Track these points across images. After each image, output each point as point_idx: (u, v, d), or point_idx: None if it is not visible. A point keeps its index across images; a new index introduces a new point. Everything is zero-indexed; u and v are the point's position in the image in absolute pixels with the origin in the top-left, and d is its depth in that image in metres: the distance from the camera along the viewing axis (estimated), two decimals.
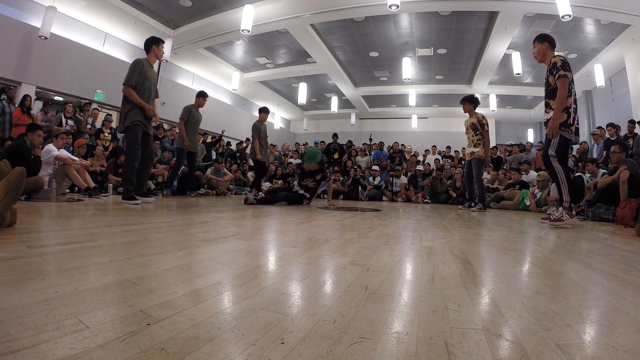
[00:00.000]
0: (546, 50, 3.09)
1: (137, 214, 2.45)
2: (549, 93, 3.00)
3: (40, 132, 4.14)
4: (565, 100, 2.85)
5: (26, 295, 0.67)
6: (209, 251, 1.23)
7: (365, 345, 0.53)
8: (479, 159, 4.93)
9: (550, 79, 2.97)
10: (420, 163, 9.56)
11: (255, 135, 6.16)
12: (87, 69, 7.58)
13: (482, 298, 0.81)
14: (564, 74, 2.84)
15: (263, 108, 6.36)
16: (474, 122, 5.00)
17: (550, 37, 3.13)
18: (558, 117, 2.86)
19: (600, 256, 1.48)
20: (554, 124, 2.86)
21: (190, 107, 5.58)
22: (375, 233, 1.96)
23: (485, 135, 4.91)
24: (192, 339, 0.52)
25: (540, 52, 3.12)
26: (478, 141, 4.95)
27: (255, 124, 6.23)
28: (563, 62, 2.89)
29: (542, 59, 3.13)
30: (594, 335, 0.62)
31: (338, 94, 12.48)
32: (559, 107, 2.86)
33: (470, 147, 5.10)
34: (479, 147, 4.93)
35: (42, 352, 0.46)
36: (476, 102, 5.10)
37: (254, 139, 6.18)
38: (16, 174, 1.55)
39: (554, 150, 2.94)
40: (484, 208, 5.00)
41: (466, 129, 5.19)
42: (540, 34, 3.19)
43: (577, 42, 8.08)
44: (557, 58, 2.95)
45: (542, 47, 3.11)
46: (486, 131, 4.92)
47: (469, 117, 5.14)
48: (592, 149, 7.47)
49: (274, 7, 7.17)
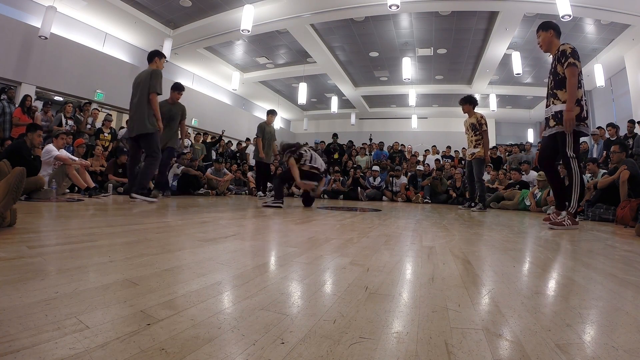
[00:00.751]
0: (552, 39, 2.87)
1: (137, 214, 2.45)
2: (558, 83, 2.77)
3: (40, 132, 4.14)
4: (576, 90, 2.63)
5: (26, 295, 0.67)
6: (209, 251, 1.23)
7: (365, 345, 0.53)
8: (479, 158, 4.96)
9: (558, 68, 2.75)
10: (420, 163, 9.56)
11: (259, 134, 6.19)
12: (87, 69, 7.58)
13: (482, 298, 0.81)
14: (573, 62, 2.63)
15: (270, 110, 6.43)
16: (473, 122, 5.03)
17: (555, 25, 2.92)
18: (572, 108, 2.62)
19: (600, 256, 1.47)
20: (569, 115, 2.60)
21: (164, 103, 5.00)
22: (375, 233, 1.96)
23: (484, 135, 4.94)
24: (192, 339, 0.52)
25: (546, 40, 2.90)
26: (477, 141, 4.98)
27: (260, 124, 6.30)
28: (573, 50, 2.68)
29: (547, 48, 2.91)
30: (594, 335, 0.62)
31: (338, 94, 12.48)
32: (572, 98, 2.62)
33: (470, 147, 5.13)
34: (478, 147, 4.96)
35: (42, 352, 0.46)
36: (475, 102, 5.13)
37: (258, 138, 6.22)
38: (16, 174, 1.55)
39: (572, 150, 2.70)
40: (484, 208, 5.03)
41: (466, 129, 5.22)
42: (544, 22, 2.94)
43: (577, 42, 8.07)
44: (566, 45, 2.73)
45: (547, 35, 2.88)
46: (485, 131, 4.95)
47: (468, 117, 5.17)
48: (592, 149, 7.47)
49: (274, 7, 7.18)
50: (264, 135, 6.22)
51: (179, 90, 5.23)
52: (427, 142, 11.94)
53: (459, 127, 15.30)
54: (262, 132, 6.20)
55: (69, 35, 7.37)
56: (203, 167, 7.53)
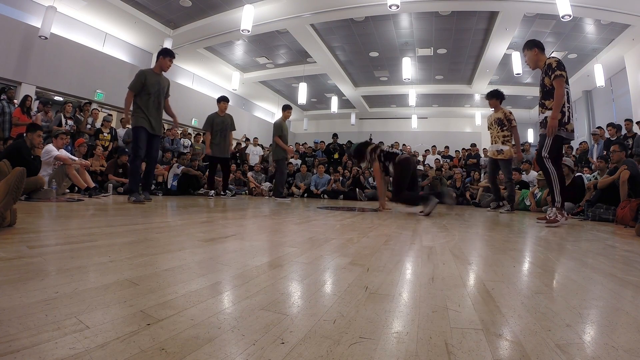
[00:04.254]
0: (537, 56, 3.12)
1: (137, 214, 2.44)
2: (546, 94, 3.03)
3: (40, 132, 4.14)
4: (562, 100, 2.90)
5: (26, 295, 0.67)
6: (209, 251, 1.23)
7: (365, 345, 0.53)
8: (505, 160, 4.69)
9: (546, 81, 3.00)
10: (420, 163, 9.56)
11: (278, 132, 6.01)
12: (87, 69, 7.58)
13: (482, 298, 0.81)
14: (559, 73, 2.87)
15: (286, 105, 6.18)
16: (499, 117, 4.76)
17: (538, 42, 3.16)
18: (557, 116, 2.90)
19: (600, 256, 1.47)
20: (553, 122, 2.90)
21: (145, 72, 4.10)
22: (375, 233, 1.96)
23: (514, 131, 4.67)
24: (192, 339, 0.52)
25: (532, 59, 3.16)
26: (505, 137, 4.70)
27: (277, 122, 6.09)
28: (558, 63, 2.93)
29: (535, 65, 3.16)
30: (594, 335, 0.62)
31: (338, 94, 12.48)
32: (558, 106, 2.89)
33: (496, 143, 4.79)
34: (507, 144, 4.67)
35: (42, 352, 0.46)
36: (502, 96, 4.90)
37: (277, 136, 6.00)
38: (16, 174, 1.55)
39: (547, 152, 2.99)
40: (512, 209, 4.78)
41: (490, 124, 4.95)
42: (528, 41, 3.23)
43: (577, 42, 8.08)
44: (551, 59, 2.98)
45: (532, 54, 3.15)
46: (514, 127, 4.68)
47: (493, 112, 4.91)
48: (592, 149, 7.46)
49: (274, 7, 7.18)
50: (282, 132, 6.05)
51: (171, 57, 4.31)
52: (427, 142, 11.94)
53: (459, 127, 15.31)
54: (280, 130, 6.04)
55: (69, 35, 7.37)
56: (203, 167, 7.52)
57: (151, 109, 3.87)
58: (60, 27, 7.07)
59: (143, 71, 3.95)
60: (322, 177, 8.51)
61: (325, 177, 8.53)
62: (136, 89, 3.83)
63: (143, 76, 3.86)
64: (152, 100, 3.89)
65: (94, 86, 7.77)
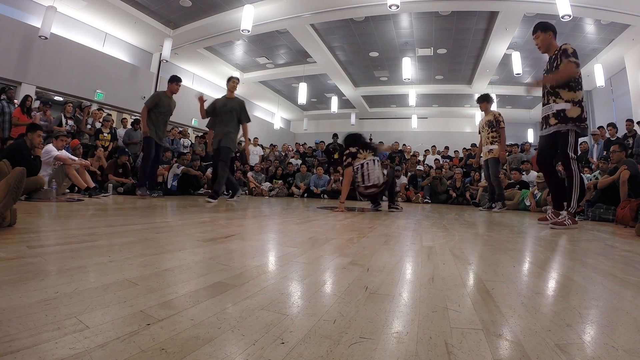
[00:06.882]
0: (551, 40, 2.88)
1: (137, 214, 2.45)
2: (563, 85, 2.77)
3: (40, 132, 4.13)
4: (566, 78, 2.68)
5: (26, 295, 0.67)
6: (208, 251, 1.23)
7: (365, 345, 0.53)
8: (494, 159, 4.94)
9: (561, 66, 2.73)
10: (420, 163, 9.55)
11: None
12: (87, 69, 7.58)
13: (482, 298, 0.81)
14: (574, 61, 2.66)
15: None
16: (490, 119, 4.98)
17: (553, 26, 2.92)
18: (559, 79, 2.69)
19: (600, 256, 1.47)
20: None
21: (160, 94, 4.78)
22: (375, 233, 1.96)
23: (502, 132, 4.88)
24: (192, 339, 0.52)
25: (545, 42, 2.90)
26: (494, 138, 4.91)
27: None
28: (574, 51, 2.71)
29: (546, 49, 2.92)
30: (594, 335, 0.62)
31: (338, 94, 12.48)
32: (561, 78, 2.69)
33: (486, 144, 5.03)
34: (496, 144, 4.89)
35: (42, 352, 0.46)
36: (491, 100, 5.17)
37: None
38: (16, 174, 1.55)
39: (572, 151, 2.71)
40: (504, 207, 5.04)
41: (481, 127, 5.17)
42: (541, 23, 2.93)
43: (577, 42, 8.07)
44: (567, 45, 2.74)
45: (546, 36, 2.88)
46: (502, 128, 4.89)
47: (484, 115, 5.14)
48: (592, 149, 7.46)
49: (274, 7, 7.18)
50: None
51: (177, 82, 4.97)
52: (427, 142, 11.94)
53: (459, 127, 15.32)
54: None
55: (69, 35, 7.37)
56: (203, 167, 7.52)
57: (160, 124, 4.77)
58: (60, 27, 7.07)
59: (158, 93, 4.91)
60: (321, 178, 8.52)
61: (324, 177, 8.53)
62: (150, 106, 4.65)
63: (158, 97, 4.76)
64: (162, 117, 4.78)
65: (94, 86, 7.77)
